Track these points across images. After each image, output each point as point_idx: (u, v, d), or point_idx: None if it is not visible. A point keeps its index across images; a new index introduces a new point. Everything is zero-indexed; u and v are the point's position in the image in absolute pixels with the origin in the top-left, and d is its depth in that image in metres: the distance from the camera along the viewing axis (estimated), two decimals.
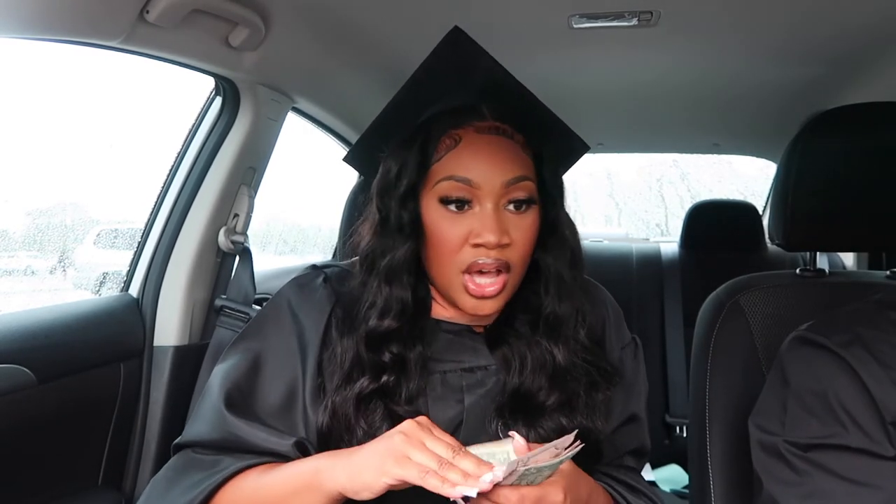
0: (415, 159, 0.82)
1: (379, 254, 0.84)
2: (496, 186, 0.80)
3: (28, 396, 1.09)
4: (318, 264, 0.95)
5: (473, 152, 0.81)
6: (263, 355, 0.86)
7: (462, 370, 0.87)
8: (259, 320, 0.91)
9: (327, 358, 0.85)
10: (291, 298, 0.89)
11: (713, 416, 1.02)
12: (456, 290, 0.82)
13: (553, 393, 0.84)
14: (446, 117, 0.83)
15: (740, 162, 6.03)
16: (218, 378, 0.86)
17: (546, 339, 0.86)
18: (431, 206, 0.82)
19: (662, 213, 7.57)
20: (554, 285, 0.86)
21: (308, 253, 2.97)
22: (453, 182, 0.80)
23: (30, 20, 0.91)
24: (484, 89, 0.85)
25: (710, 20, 1.30)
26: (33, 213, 1.58)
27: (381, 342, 0.83)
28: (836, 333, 0.77)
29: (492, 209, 0.80)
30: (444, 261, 0.82)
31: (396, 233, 0.83)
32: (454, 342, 0.88)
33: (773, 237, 1.09)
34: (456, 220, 0.81)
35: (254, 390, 0.85)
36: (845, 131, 1.03)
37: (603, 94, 1.88)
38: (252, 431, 0.82)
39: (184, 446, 0.87)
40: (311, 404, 0.83)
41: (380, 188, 0.85)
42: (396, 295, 0.83)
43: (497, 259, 0.80)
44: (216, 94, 1.45)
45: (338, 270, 0.93)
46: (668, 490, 2.13)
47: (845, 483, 0.70)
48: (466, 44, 0.82)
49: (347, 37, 1.40)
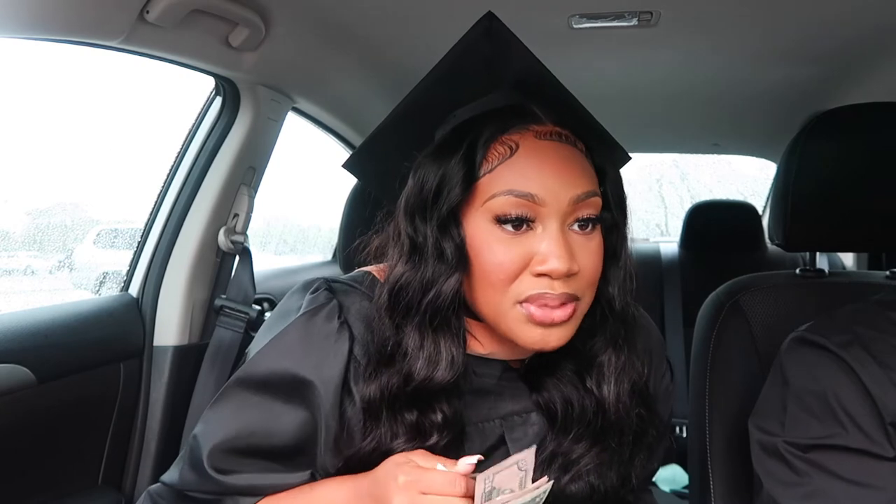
0: (458, 172, 0.67)
1: (417, 290, 0.68)
2: (564, 203, 0.66)
3: (28, 396, 1.09)
4: (329, 285, 0.77)
5: (536, 162, 0.67)
6: (265, 407, 0.73)
7: (500, 418, 0.75)
8: (260, 360, 0.74)
9: (349, 402, 0.72)
10: (300, 336, 0.74)
11: (713, 416, 1.02)
12: (513, 321, 0.67)
13: (591, 449, 0.72)
14: (493, 120, 0.69)
15: (740, 162, 6.02)
16: (210, 431, 0.73)
17: (596, 387, 0.73)
18: (480, 225, 0.68)
19: (662, 213, 7.56)
20: (607, 327, 0.74)
21: (308, 253, 2.97)
22: (512, 198, 0.66)
23: (30, 20, 0.91)
24: (525, 86, 0.73)
25: (711, 20, 1.30)
26: (33, 213, 1.58)
27: (431, 400, 0.69)
28: (836, 334, 0.77)
29: (557, 230, 0.66)
30: (497, 291, 0.67)
31: (437, 262, 0.68)
32: (492, 386, 0.75)
33: (773, 237, 1.09)
34: (513, 243, 0.67)
35: (250, 446, 0.73)
36: (845, 131, 1.03)
37: (603, 94, 1.88)
38: (252, 478, 0.72)
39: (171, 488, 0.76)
40: (329, 451, 0.72)
41: (412, 207, 0.70)
42: (446, 345, 0.68)
43: (563, 293, 0.66)
44: (216, 94, 1.45)
45: (349, 291, 0.77)
46: (668, 490, 2.13)
47: (845, 484, 0.70)
48: (500, 32, 0.70)
49: (348, 37, 1.40)
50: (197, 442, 0.74)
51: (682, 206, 6.76)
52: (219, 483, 0.72)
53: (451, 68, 0.72)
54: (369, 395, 0.70)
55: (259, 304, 1.56)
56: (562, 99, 0.73)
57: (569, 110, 0.73)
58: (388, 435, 0.69)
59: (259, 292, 1.60)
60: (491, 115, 0.70)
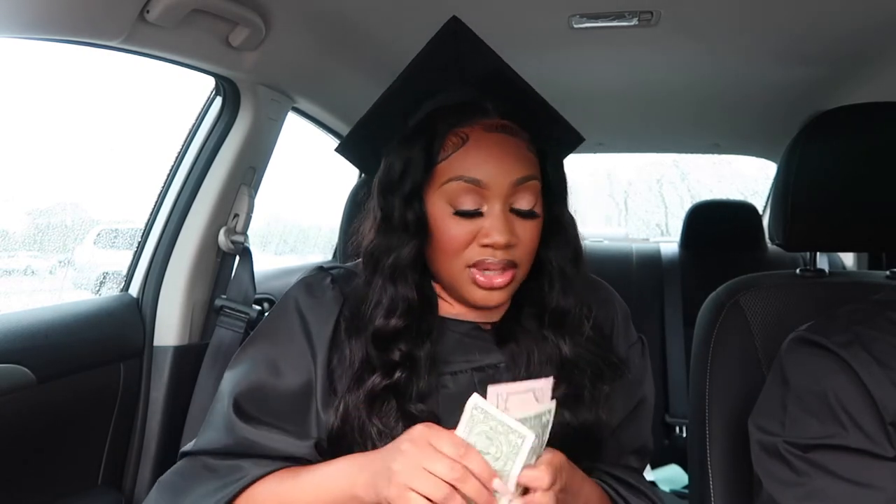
0: (420, 158, 0.81)
1: (383, 252, 0.83)
2: (505, 187, 0.79)
3: (28, 396, 1.09)
4: (324, 265, 0.94)
5: (482, 152, 0.80)
6: (273, 359, 0.85)
7: (473, 369, 0.86)
8: (268, 323, 0.90)
9: (337, 359, 0.85)
10: (300, 300, 0.88)
11: (713, 416, 1.02)
12: (463, 283, 0.82)
13: (559, 386, 0.82)
14: (450, 114, 0.82)
15: (740, 162, 6.03)
16: (228, 385, 0.85)
17: (552, 333, 0.86)
18: (438, 204, 0.81)
19: (662, 213, 7.58)
20: (558, 280, 0.87)
21: (308, 253, 2.97)
22: (462, 183, 0.79)
23: (30, 20, 0.91)
24: (483, 83, 0.84)
25: (711, 20, 1.30)
26: (33, 213, 1.58)
27: (390, 341, 0.82)
28: (836, 333, 0.77)
29: (500, 210, 0.79)
30: (450, 257, 0.81)
31: (401, 231, 0.82)
32: (463, 341, 0.88)
33: (773, 237, 1.09)
34: (463, 221, 0.80)
35: (265, 395, 0.84)
36: (845, 131, 1.03)
37: (603, 94, 1.88)
38: (266, 435, 0.81)
39: (195, 454, 0.85)
40: (323, 406, 0.83)
41: (382, 186, 0.84)
42: (402, 293, 0.82)
43: (503, 259, 0.80)
44: (216, 94, 1.45)
45: (343, 272, 0.92)
46: (667, 490, 2.13)
47: (845, 484, 0.70)
48: (465, 34, 0.81)
49: (348, 37, 1.40)
50: (220, 397, 0.85)
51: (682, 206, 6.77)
52: (237, 434, 0.81)
53: (422, 65, 0.83)
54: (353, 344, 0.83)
55: (259, 304, 1.56)
56: (514, 92, 0.84)
57: (518, 103, 0.84)
58: (366, 372, 0.81)
59: (259, 292, 1.60)
60: (452, 109, 0.82)
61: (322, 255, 2.63)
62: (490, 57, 0.82)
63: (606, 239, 3.14)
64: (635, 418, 0.95)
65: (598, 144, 2.64)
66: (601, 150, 2.81)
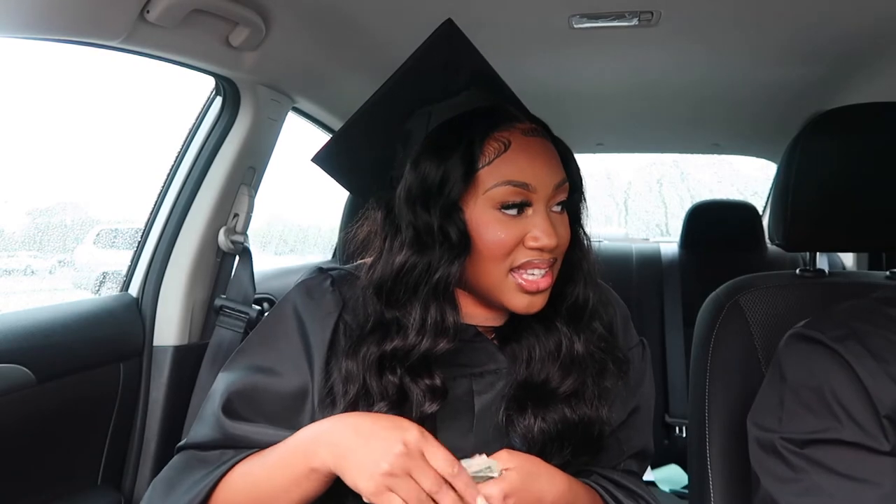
0: (460, 166, 0.77)
1: (423, 272, 0.79)
2: (549, 189, 0.80)
3: (28, 396, 1.09)
4: (323, 267, 0.93)
5: (526, 155, 0.79)
6: (269, 361, 0.85)
7: (472, 375, 0.86)
8: (265, 326, 0.90)
9: (335, 364, 0.83)
10: (298, 303, 0.87)
11: (713, 416, 1.02)
12: (506, 290, 0.81)
13: (564, 381, 0.83)
14: (481, 120, 0.80)
15: (740, 162, 6.03)
16: (221, 384, 0.85)
17: (567, 327, 0.86)
18: (482, 210, 0.79)
19: (662, 213, 7.57)
20: (580, 275, 0.87)
21: (308, 253, 2.97)
22: (510, 187, 0.78)
23: (30, 20, 0.91)
24: (469, 87, 0.84)
25: (711, 20, 1.30)
26: (33, 213, 1.59)
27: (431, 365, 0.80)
28: (832, 329, 0.77)
29: (544, 212, 0.80)
30: (496, 263, 0.80)
31: (444, 247, 0.78)
32: (465, 348, 0.86)
33: (773, 237, 1.09)
34: (511, 224, 0.79)
35: (258, 396, 0.84)
36: (845, 131, 1.03)
37: (603, 94, 1.88)
38: (253, 430, 0.81)
39: (186, 448, 0.87)
40: (321, 409, 0.82)
41: (414, 198, 0.79)
42: (450, 315, 0.79)
43: (550, 258, 0.81)
44: (216, 93, 1.45)
45: (344, 274, 0.91)
46: (667, 490, 2.13)
47: (841, 479, 0.70)
48: (458, 38, 0.81)
49: (348, 37, 1.40)
50: (212, 395, 0.85)
51: (682, 206, 6.77)
52: (225, 431, 0.81)
53: (416, 69, 0.81)
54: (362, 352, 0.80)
55: (259, 304, 1.56)
56: (508, 98, 0.85)
57: (524, 107, 0.85)
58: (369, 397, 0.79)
59: (259, 292, 1.60)
60: (481, 115, 0.81)
61: (322, 255, 2.63)
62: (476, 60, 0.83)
63: (606, 239, 3.14)
64: (634, 421, 0.94)
65: (597, 144, 2.64)
66: (601, 150, 2.81)
